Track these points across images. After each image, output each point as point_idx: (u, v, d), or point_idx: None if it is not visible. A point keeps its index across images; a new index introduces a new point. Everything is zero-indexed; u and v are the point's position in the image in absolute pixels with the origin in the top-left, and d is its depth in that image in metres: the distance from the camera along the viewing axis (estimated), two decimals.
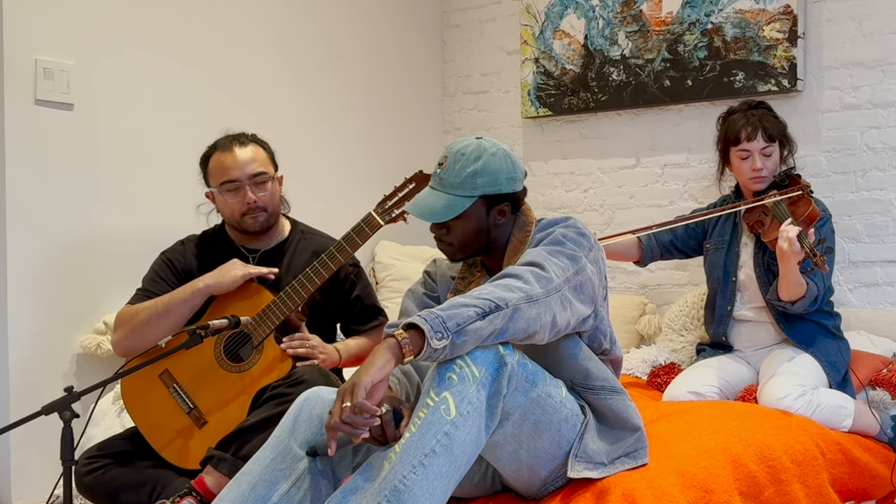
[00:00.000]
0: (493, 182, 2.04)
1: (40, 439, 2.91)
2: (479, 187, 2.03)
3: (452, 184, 2.03)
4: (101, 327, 3.09)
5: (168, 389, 2.48)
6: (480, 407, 1.79)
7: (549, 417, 1.92)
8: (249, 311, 2.43)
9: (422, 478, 1.72)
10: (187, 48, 3.42)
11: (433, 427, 1.75)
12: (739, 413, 2.50)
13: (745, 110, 3.02)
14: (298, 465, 1.90)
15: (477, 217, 2.06)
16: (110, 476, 2.39)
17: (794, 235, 2.60)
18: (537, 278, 1.88)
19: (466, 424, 1.76)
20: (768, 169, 2.97)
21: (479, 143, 2.07)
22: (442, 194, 2.04)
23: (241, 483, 1.90)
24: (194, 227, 2.74)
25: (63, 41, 3.05)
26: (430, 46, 4.47)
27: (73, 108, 3.08)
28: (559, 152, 4.14)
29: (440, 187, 2.05)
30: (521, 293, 1.83)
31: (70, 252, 3.07)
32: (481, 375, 1.79)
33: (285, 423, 1.95)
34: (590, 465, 1.97)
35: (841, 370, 2.83)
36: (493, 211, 2.07)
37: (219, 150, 2.57)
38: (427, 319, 1.75)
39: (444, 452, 1.73)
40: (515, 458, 1.94)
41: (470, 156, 2.04)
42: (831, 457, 2.47)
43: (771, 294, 2.85)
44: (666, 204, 3.84)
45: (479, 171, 2.02)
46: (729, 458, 2.15)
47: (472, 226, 2.06)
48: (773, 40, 3.49)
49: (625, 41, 3.86)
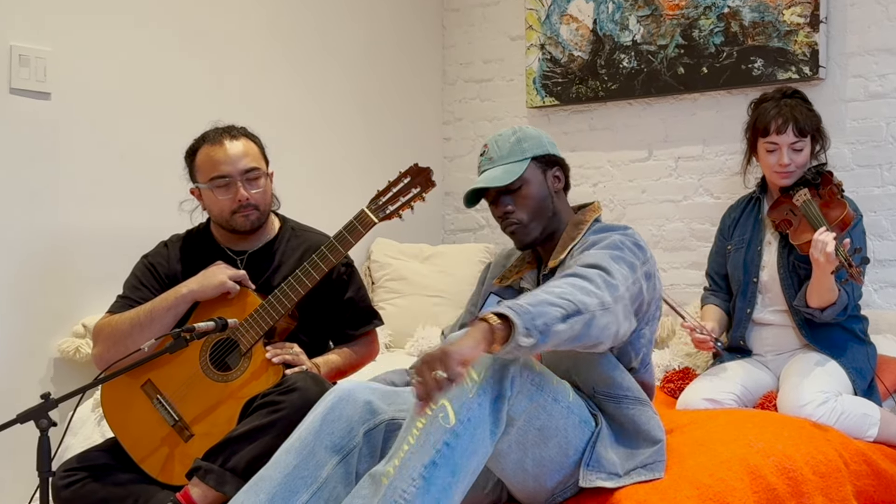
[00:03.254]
0: (539, 144, 2.25)
1: (15, 449, 2.90)
2: (527, 150, 2.23)
3: (503, 155, 2.23)
4: (80, 330, 3.08)
5: (151, 401, 2.46)
6: (483, 412, 1.78)
7: (556, 423, 1.92)
8: (236, 316, 2.41)
9: (423, 491, 1.71)
10: (173, 33, 3.41)
11: (432, 437, 1.74)
12: (758, 422, 2.49)
13: (779, 99, 2.98)
14: (321, 473, 1.90)
15: (537, 182, 2.23)
16: (89, 490, 2.38)
17: (833, 249, 2.58)
18: (606, 285, 1.90)
19: (468, 432, 1.76)
20: (796, 164, 2.95)
21: (510, 127, 2.30)
22: (497, 167, 2.22)
23: (258, 491, 1.90)
24: (177, 225, 2.73)
25: (40, 26, 3.04)
26: (430, 31, 4.46)
27: (51, 97, 3.07)
28: (566, 144, 4.12)
29: (492, 164, 2.23)
30: (597, 299, 1.85)
31: (46, 250, 3.06)
32: (481, 379, 1.79)
33: (311, 424, 1.95)
34: (603, 476, 1.97)
35: (867, 377, 2.82)
36: (549, 175, 2.26)
37: (207, 143, 2.55)
38: (519, 313, 1.71)
39: (445, 463, 1.73)
40: (521, 468, 1.93)
41: (507, 133, 2.27)
42: (856, 468, 2.46)
43: (798, 300, 2.84)
44: (680, 199, 3.83)
45: (521, 137, 2.24)
46: (747, 469, 2.15)
47: (535, 191, 2.22)
48: (793, 25, 3.48)
49: (636, 26, 3.85)
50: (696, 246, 3.78)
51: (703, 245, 3.61)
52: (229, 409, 2.39)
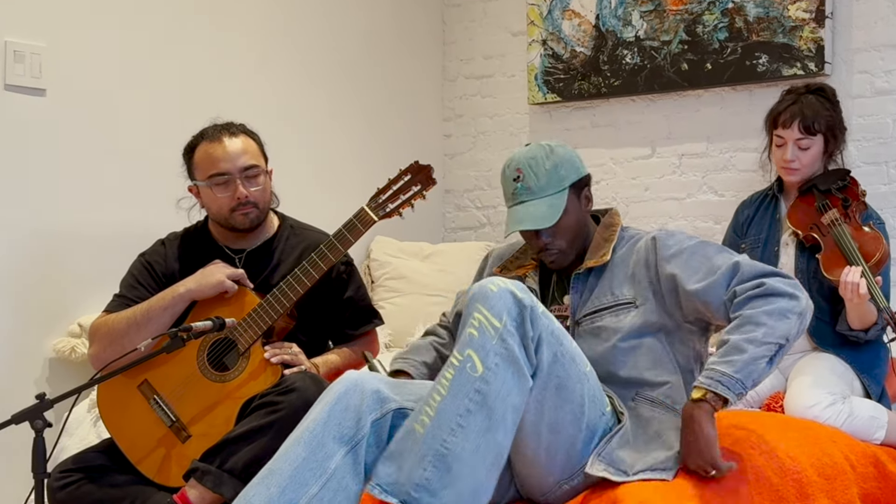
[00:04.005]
0: (574, 168, 2.24)
1: (10, 450, 2.89)
2: (566, 178, 2.22)
3: (543, 186, 2.20)
4: (76, 329, 3.08)
5: (148, 402, 2.46)
6: (510, 355, 1.87)
7: (573, 385, 1.98)
8: (234, 315, 2.41)
9: (462, 439, 1.81)
10: (170, 29, 3.40)
11: (463, 387, 1.85)
12: (762, 423, 2.47)
13: (801, 93, 2.94)
14: (329, 464, 1.91)
15: (574, 209, 2.25)
16: (85, 491, 2.38)
17: (865, 291, 2.59)
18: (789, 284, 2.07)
19: (497, 378, 1.85)
20: (801, 163, 2.92)
21: (536, 145, 2.26)
22: (538, 201, 2.20)
23: (269, 484, 1.90)
24: (174, 222, 2.73)
25: (35, 22, 3.03)
26: (430, 27, 4.45)
27: (46, 93, 3.07)
28: (568, 141, 4.10)
29: (531, 196, 2.21)
30: (795, 315, 2.03)
31: (41, 248, 3.06)
32: (502, 325, 1.88)
33: (318, 416, 1.96)
34: (611, 469, 2.00)
35: (881, 381, 2.80)
36: (582, 197, 2.27)
37: (206, 140, 2.55)
38: (730, 388, 1.96)
39: (479, 410, 1.83)
40: (536, 433, 1.97)
41: (540, 157, 2.22)
42: (862, 470, 2.45)
43: (841, 325, 2.80)
44: (684, 197, 3.83)
45: (558, 163, 2.22)
46: (751, 471, 2.14)
47: (574, 219, 2.24)
48: (798, 20, 3.47)
49: (639, 21, 3.84)
50: None
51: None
52: (227, 409, 2.39)
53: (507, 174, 2.25)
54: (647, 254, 2.22)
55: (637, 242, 2.26)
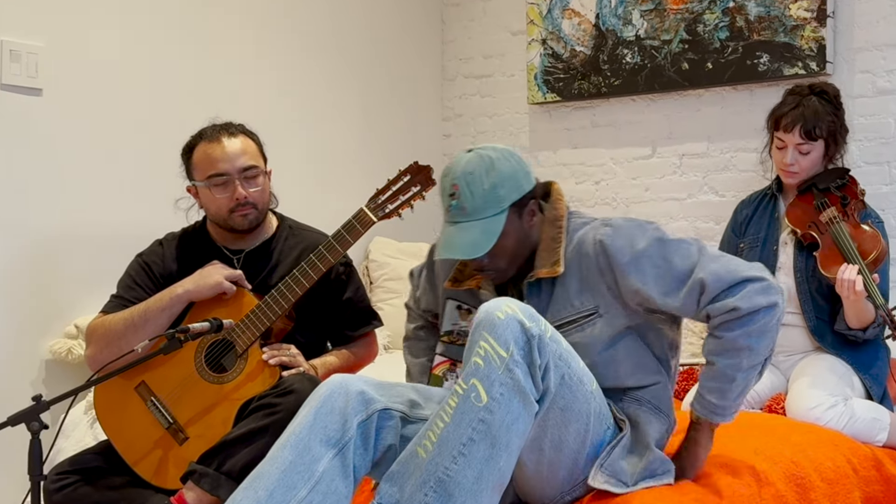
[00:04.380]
0: (516, 185, 2.04)
1: (6, 452, 2.89)
2: (505, 199, 2.03)
3: (478, 208, 2.02)
4: (72, 331, 3.07)
5: (145, 403, 2.45)
6: (516, 385, 1.83)
7: (579, 406, 1.95)
8: (232, 316, 2.40)
9: (464, 466, 1.79)
10: (167, 28, 3.40)
11: (466, 415, 1.81)
12: (765, 427, 2.48)
13: (804, 94, 2.93)
14: (317, 467, 1.90)
15: (515, 229, 2.06)
16: (82, 493, 2.37)
17: (862, 288, 2.59)
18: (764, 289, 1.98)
19: (502, 407, 1.82)
20: (801, 167, 2.92)
21: (477, 155, 2.04)
22: (472, 224, 2.03)
23: (257, 488, 1.90)
24: (172, 223, 2.72)
25: (31, 21, 3.03)
26: (429, 26, 4.45)
27: (42, 93, 3.06)
28: (569, 141, 4.12)
29: (465, 218, 2.03)
30: (775, 323, 1.98)
31: (38, 249, 3.05)
32: (509, 355, 1.83)
33: (304, 419, 1.95)
34: (612, 481, 1.98)
35: (883, 382, 2.80)
36: (525, 215, 2.09)
37: (205, 140, 2.54)
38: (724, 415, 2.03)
39: (482, 439, 1.80)
40: (538, 449, 1.95)
41: (479, 173, 2.02)
42: (864, 473, 2.45)
43: (839, 325, 2.80)
44: (684, 197, 3.83)
45: (497, 183, 2.02)
46: (755, 477, 2.14)
47: (513, 240, 2.07)
48: (800, 19, 3.47)
49: (639, 20, 3.83)
50: None
51: (708, 244, 3.58)
52: (225, 411, 2.38)
53: (444, 186, 2.07)
54: (597, 259, 2.06)
55: (583, 246, 2.09)
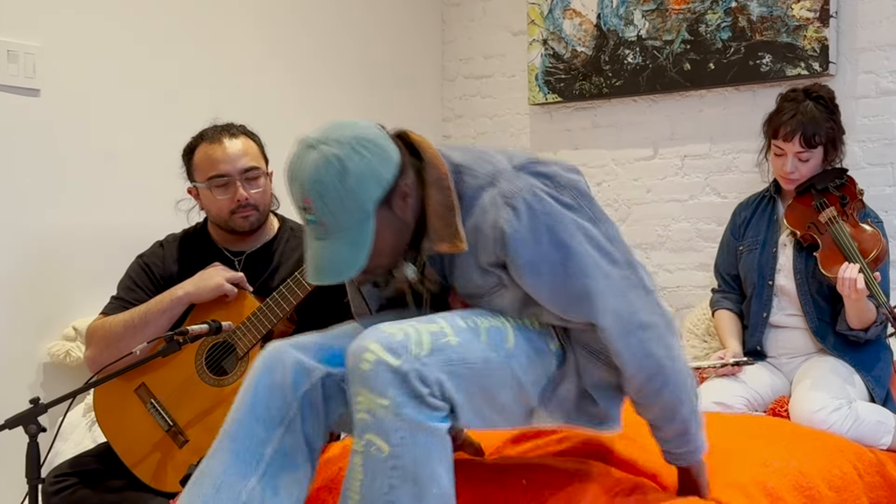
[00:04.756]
0: (377, 181, 1.74)
1: (3, 455, 2.89)
2: (368, 200, 1.74)
3: (339, 222, 1.73)
4: (71, 333, 3.06)
5: (145, 405, 2.45)
6: (411, 424, 1.69)
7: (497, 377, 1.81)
8: (233, 319, 2.40)
9: None
10: (166, 29, 3.39)
11: (377, 468, 1.69)
12: (770, 435, 2.46)
13: (800, 101, 2.92)
14: (266, 450, 1.84)
15: (387, 225, 1.79)
16: (80, 496, 2.38)
17: (863, 286, 2.59)
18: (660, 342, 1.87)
19: (408, 449, 1.69)
20: (801, 174, 2.93)
21: (321, 154, 1.72)
22: (336, 240, 1.75)
23: (202, 484, 1.82)
24: (173, 225, 2.72)
25: (29, 22, 3.02)
26: (429, 26, 4.44)
27: (40, 93, 3.05)
28: (570, 142, 4.11)
29: (326, 235, 1.75)
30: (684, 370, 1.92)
31: (36, 251, 3.04)
32: (390, 401, 1.69)
33: (243, 403, 1.87)
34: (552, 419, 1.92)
35: (885, 383, 2.80)
36: (395, 204, 1.80)
37: (206, 141, 2.54)
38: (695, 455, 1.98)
39: (402, 483, 1.69)
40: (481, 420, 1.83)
41: (330, 181, 1.71)
42: (869, 479, 2.45)
43: (840, 325, 2.81)
44: (686, 198, 3.82)
45: (354, 186, 1.72)
46: (765, 492, 2.11)
47: (390, 236, 1.81)
48: (802, 20, 3.46)
49: (641, 21, 3.83)
50: (702, 247, 3.77)
51: (710, 245, 3.60)
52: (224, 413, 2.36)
53: (292, 192, 1.77)
54: (494, 245, 1.81)
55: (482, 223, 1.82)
